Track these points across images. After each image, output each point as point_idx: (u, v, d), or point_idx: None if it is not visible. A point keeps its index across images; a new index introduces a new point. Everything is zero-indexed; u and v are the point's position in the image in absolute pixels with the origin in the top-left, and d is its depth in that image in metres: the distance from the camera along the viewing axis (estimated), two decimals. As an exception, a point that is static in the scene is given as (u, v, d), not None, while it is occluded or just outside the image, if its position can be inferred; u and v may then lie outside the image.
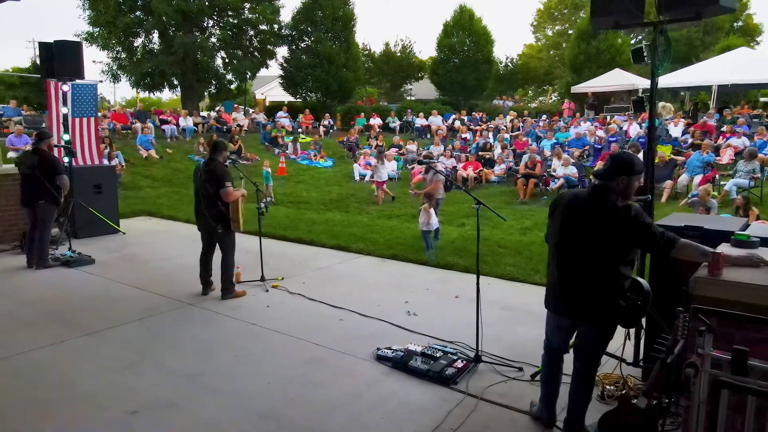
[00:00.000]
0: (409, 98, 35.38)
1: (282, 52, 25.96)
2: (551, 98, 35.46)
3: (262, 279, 6.62)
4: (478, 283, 4.49)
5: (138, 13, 23.06)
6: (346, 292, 6.32)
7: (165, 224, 10.59)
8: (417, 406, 3.79)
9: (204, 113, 23.59)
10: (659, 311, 3.65)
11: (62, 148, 8.98)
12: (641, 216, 3.01)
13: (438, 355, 4.41)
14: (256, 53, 25.29)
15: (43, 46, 8.61)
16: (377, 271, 7.34)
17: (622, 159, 3.11)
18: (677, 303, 2.86)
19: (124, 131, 18.47)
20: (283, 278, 6.82)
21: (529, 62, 39.15)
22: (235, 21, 24.56)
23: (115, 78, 23.29)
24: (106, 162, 13.88)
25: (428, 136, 21.85)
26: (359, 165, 16.05)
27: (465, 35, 27.51)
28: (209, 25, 24.45)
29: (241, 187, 6.52)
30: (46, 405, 3.73)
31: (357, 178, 15.72)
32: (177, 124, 19.36)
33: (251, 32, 25.02)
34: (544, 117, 24.07)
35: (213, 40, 24.44)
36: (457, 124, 22.70)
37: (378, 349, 4.62)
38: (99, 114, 20.70)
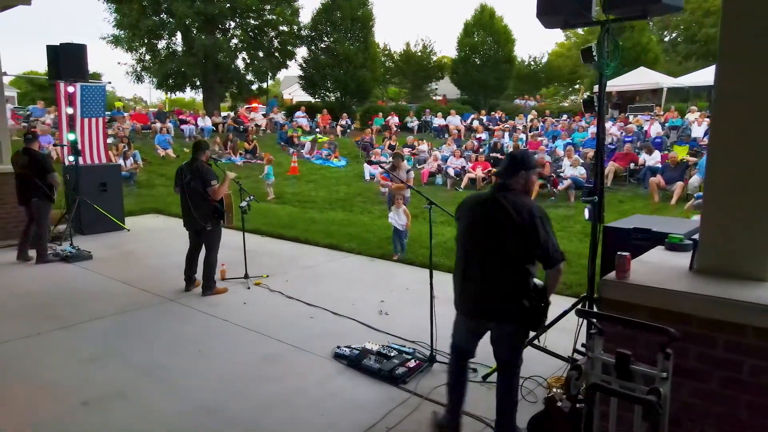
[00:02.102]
0: (436, 98, 35.33)
1: (301, 52, 26.34)
2: (583, 97, 34.81)
3: (246, 276, 6.74)
4: (431, 284, 4.49)
5: (163, 15, 23.62)
6: (326, 290, 6.38)
7: (170, 222, 10.84)
8: (360, 404, 3.82)
9: (225, 113, 24.03)
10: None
11: (69, 147, 9.33)
12: (544, 218, 3.00)
13: (392, 354, 4.44)
14: (276, 54, 25.62)
15: (51, 49, 8.90)
16: (363, 270, 7.39)
17: (517, 156, 3.19)
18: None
19: (145, 131, 18.98)
20: (267, 276, 6.92)
21: (554, 61, 38.54)
22: (257, 22, 24.95)
23: (139, 79, 23.96)
24: (121, 161, 14.34)
25: (446, 135, 21.79)
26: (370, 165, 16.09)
27: (485, 34, 27.31)
28: (231, 26, 24.89)
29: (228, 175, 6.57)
30: (5, 394, 3.90)
31: (367, 177, 15.78)
32: (196, 124, 19.79)
33: (272, 33, 25.35)
34: (564, 116, 23.70)
35: (234, 41, 24.91)
36: (476, 123, 22.58)
37: (338, 347, 4.67)
38: (125, 114, 21.46)
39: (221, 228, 6.29)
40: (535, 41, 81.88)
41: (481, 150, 17.06)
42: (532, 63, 36.58)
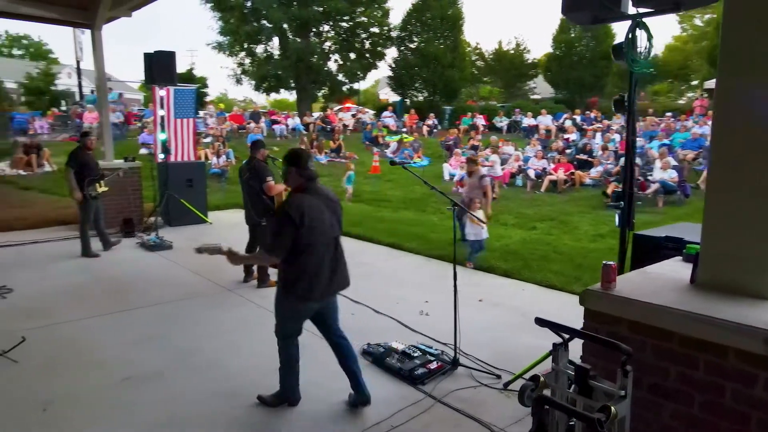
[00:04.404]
0: (534, 96, 34.35)
1: (391, 53, 26.71)
2: (703, 94, 32.20)
3: (301, 271, 7.00)
4: (455, 285, 4.46)
5: (263, 21, 24.94)
6: (374, 288, 6.48)
7: (250, 217, 11.46)
8: (372, 400, 3.87)
9: (317, 113, 24.93)
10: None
11: (161, 146, 10.19)
12: None
13: (416, 354, 4.45)
14: (366, 55, 26.17)
15: (146, 56, 9.76)
16: (417, 270, 7.42)
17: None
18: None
19: (240, 131, 20.18)
20: (323, 271, 7.14)
21: (667, 55, 35.88)
22: (349, 24, 25.62)
23: (239, 81, 25.52)
24: (214, 159, 15.39)
25: (535, 136, 21.12)
26: (450, 165, 16.02)
27: (583, 30, 26.07)
28: (324, 30, 25.77)
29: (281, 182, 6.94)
30: (60, 366, 4.37)
31: (446, 177, 15.71)
32: (286, 124, 20.73)
33: (363, 35, 25.93)
34: (668, 115, 22.06)
35: (327, 43, 25.78)
36: (568, 123, 21.67)
37: (367, 344, 4.74)
38: (225, 114, 22.96)
39: (276, 224, 6.58)
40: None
41: (567, 151, 16.36)
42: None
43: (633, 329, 2.30)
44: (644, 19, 3.46)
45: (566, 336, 2.20)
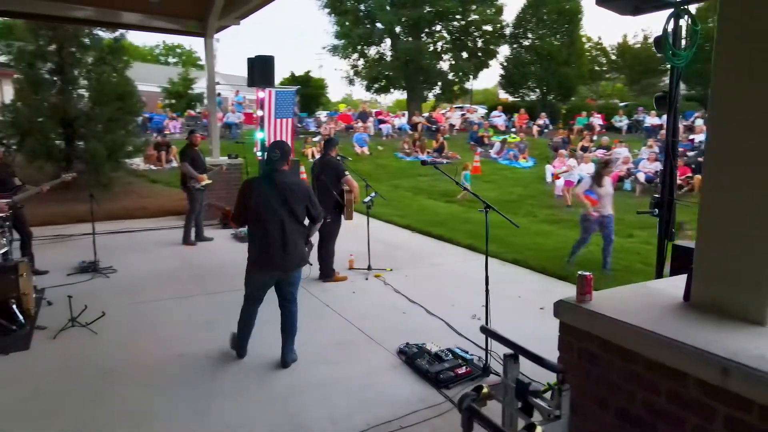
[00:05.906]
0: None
1: (504, 51, 26.05)
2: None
3: (369, 268, 7.16)
4: (487, 289, 4.33)
5: (377, 23, 25.58)
6: (435, 288, 6.46)
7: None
8: (391, 399, 3.90)
9: (425, 114, 25.05)
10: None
11: (259, 144, 10.91)
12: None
13: (447, 358, 4.40)
14: (479, 53, 25.78)
15: (249, 61, 10.48)
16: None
17: (286, 148, 4.38)
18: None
19: (349, 130, 20.90)
20: (391, 269, 7.24)
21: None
22: (462, 23, 25.40)
23: (351, 83, 26.42)
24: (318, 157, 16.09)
25: (656, 136, 19.48)
26: (553, 166, 15.33)
27: (722, 18, 23.53)
28: (437, 29, 25.80)
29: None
30: (130, 340, 4.91)
31: (549, 179, 15.05)
32: (393, 124, 21.08)
33: (475, 34, 25.58)
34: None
35: (439, 43, 25.79)
36: (699, 123, 19.71)
37: (406, 344, 4.76)
38: (335, 114, 23.89)
39: (341, 221, 6.78)
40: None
41: (690, 153, 14.90)
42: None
43: (603, 347, 2.13)
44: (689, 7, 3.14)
45: (513, 351, 2.09)
